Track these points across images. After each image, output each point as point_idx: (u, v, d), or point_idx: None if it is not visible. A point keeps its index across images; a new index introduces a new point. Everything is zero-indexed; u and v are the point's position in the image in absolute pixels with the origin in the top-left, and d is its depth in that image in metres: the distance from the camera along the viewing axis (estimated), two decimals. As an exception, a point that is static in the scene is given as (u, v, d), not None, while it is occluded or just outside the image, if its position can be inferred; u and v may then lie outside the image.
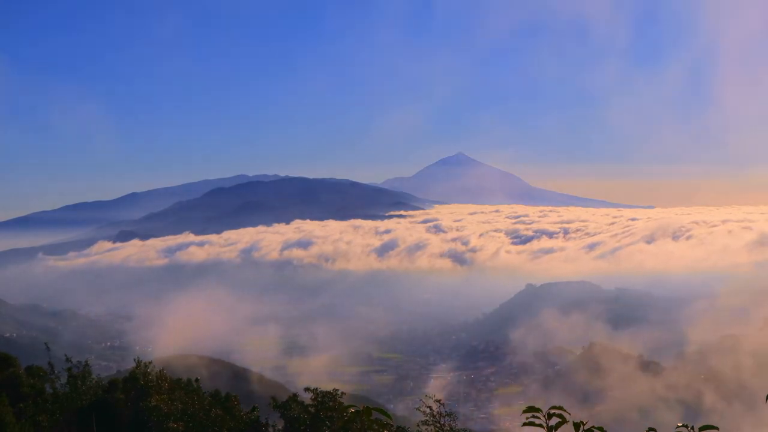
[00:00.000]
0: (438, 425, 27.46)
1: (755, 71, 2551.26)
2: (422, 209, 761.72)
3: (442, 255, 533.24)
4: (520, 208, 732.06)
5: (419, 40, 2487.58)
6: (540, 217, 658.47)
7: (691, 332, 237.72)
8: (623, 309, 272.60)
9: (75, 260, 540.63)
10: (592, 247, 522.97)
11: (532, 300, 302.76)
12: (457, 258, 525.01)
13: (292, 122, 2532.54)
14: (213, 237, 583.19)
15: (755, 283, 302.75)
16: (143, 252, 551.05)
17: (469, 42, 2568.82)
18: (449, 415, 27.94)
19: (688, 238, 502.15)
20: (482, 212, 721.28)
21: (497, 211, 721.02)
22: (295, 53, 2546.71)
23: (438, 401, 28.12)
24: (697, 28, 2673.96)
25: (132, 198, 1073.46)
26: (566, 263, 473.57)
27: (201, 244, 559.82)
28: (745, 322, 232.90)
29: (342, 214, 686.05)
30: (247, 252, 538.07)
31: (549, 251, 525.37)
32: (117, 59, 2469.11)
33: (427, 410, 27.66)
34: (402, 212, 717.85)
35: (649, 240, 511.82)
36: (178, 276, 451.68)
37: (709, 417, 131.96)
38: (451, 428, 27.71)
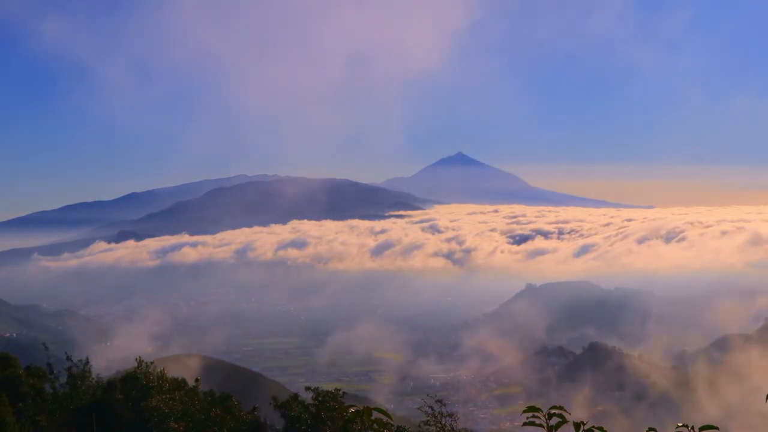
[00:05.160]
0: (439, 425, 27.52)
1: (753, 70, 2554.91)
2: (422, 209, 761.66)
3: (438, 255, 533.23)
4: (518, 208, 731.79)
5: (420, 41, 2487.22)
6: (537, 217, 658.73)
7: (688, 332, 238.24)
8: (623, 309, 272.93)
9: (68, 261, 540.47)
10: (584, 247, 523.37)
11: (532, 300, 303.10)
12: (454, 258, 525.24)
13: (292, 122, 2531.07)
14: (207, 238, 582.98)
15: (748, 283, 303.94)
16: (136, 253, 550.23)
17: (469, 42, 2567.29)
18: (450, 415, 28.01)
19: (681, 239, 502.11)
20: (481, 212, 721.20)
21: (496, 211, 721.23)
22: (294, 53, 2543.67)
23: (439, 401, 28.17)
24: (694, 27, 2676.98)
25: (132, 198, 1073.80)
26: (559, 264, 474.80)
27: (194, 245, 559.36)
28: (740, 321, 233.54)
29: (341, 214, 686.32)
30: (241, 252, 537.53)
31: (543, 251, 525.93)
32: (117, 58, 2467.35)
33: (429, 410, 27.72)
34: (402, 212, 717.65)
35: (641, 240, 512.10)
36: (170, 276, 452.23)
37: (708, 416, 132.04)
38: (452, 428, 27.77)
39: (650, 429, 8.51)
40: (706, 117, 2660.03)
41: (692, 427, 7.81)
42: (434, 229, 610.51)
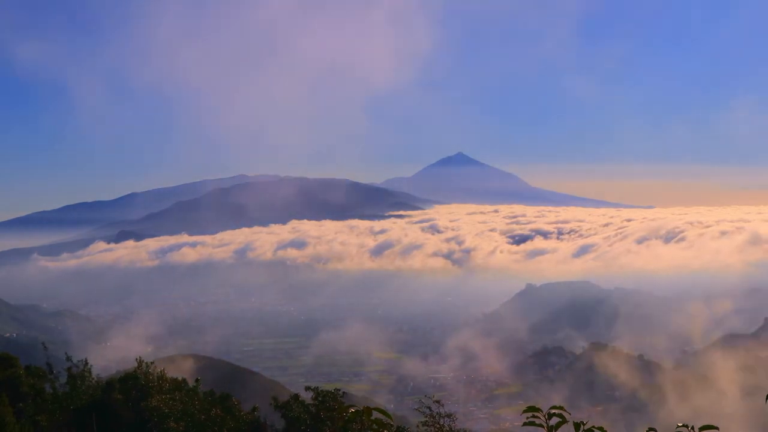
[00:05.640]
0: (437, 426, 27.49)
1: (756, 69, 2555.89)
2: (422, 209, 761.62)
3: (437, 255, 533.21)
4: (518, 208, 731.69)
5: (419, 42, 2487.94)
6: (537, 217, 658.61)
7: (688, 332, 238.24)
8: (622, 309, 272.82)
9: (67, 261, 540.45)
10: (584, 247, 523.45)
11: (532, 300, 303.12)
12: (453, 258, 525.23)
13: (292, 122, 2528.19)
14: (207, 238, 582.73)
15: (748, 283, 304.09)
16: (136, 253, 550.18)
17: (469, 42, 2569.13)
18: (449, 415, 27.99)
19: (681, 239, 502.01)
20: (481, 212, 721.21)
21: (496, 211, 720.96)
22: (294, 54, 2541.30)
23: (437, 402, 28.15)
24: (691, 28, 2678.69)
25: (132, 198, 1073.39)
26: (558, 264, 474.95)
27: (194, 245, 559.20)
28: (741, 321, 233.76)
29: (341, 214, 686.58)
30: (240, 252, 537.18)
31: (543, 252, 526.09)
32: (117, 58, 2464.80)
33: (427, 411, 27.69)
34: (401, 212, 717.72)
35: (641, 241, 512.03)
36: (170, 277, 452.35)
37: (707, 416, 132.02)
38: (451, 428, 27.74)
39: (650, 429, 8.52)
40: (706, 116, 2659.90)
41: (692, 427, 7.82)
42: (434, 229, 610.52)
